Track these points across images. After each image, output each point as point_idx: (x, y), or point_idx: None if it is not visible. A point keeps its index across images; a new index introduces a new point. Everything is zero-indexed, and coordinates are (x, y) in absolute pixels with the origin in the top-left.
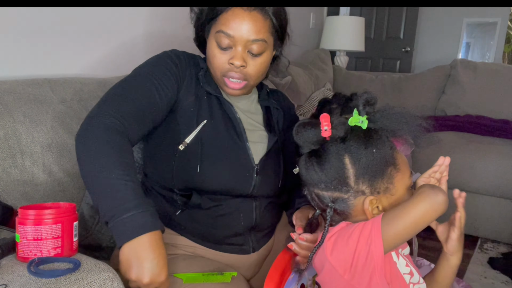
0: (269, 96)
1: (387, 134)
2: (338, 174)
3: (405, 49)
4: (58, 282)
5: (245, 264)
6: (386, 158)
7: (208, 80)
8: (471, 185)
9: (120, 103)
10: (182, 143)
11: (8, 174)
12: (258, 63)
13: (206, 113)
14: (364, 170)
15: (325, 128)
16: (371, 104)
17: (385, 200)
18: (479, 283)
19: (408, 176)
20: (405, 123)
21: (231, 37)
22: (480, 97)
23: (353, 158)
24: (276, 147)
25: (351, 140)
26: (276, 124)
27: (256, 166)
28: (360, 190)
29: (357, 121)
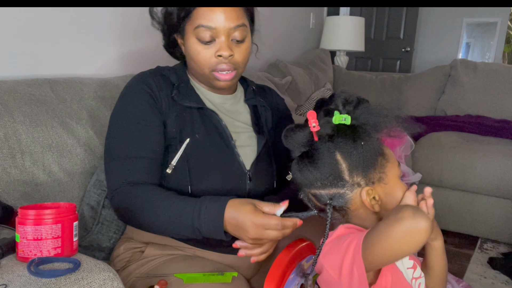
0: (256, 94)
1: (370, 128)
2: (332, 170)
3: (405, 49)
4: (58, 282)
5: (245, 264)
6: (375, 149)
7: (185, 94)
8: (471, 185)
9: (127, 170)
10: (169, 166)
11: (8, 174)
12: (243, 49)
13: (188, 130)
14: (356, 163)
15: (313, 124)
16: (349, 102)
17: (380, 189)
18: (479, 283)
19: (397, 166)
20: (384, 116)
21: (212, 29)
22: (480, 97)
23: (344, 153)
24: (266, 148)
25: (339, 137)
26: (264, 124)
27: (248, 172)
28: (355, 183)
29: (340, 119)
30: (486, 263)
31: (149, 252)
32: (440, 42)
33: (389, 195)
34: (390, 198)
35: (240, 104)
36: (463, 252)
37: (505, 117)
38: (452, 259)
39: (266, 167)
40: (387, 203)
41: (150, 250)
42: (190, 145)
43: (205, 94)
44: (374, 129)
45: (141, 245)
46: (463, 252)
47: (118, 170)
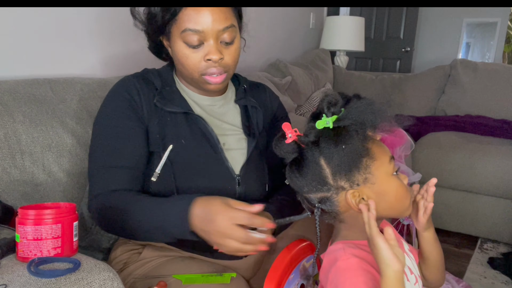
0: (247, 94)
1: (356, 128)
2: (316, 176)
3: (405, 49)
4: (58, 282)
5: (244, 265)
6: (357, 151)
7: (169, 99)
8: (471, 185)
9: (106, 179)
10: (154, 174)
11: (8, 174)
12: (233, 51)
13: (172, 135)
14: (338, 167)
15: (289, 135)
16: (333, 104)
17: (367, 190)
18: (479, 283)
19: (388, 162)
20: (371, 113)
21: (200, 32)
22: (480, 97)
23: (326, 158)
24: (257, 150)
25: (323, 142)
26: (255, 125)
27: (237, 176)
28: (339, 187)
29: (324, 123)
30: (486, 263)
31: (146, 253)
32: (440, 42)
33: (381, 194)
34: (382, 197)
35: (230, 104)
36: (463, 252)
37: (505, 117)
38: (452, 259)
39: (257, 170)
40: (379, 202)
41: (147, 251)
42: (175, 151)
43: (192, 97)
44: (362, 127)
45: (138, 247)
46: (463, 252)
47: (97, 178)
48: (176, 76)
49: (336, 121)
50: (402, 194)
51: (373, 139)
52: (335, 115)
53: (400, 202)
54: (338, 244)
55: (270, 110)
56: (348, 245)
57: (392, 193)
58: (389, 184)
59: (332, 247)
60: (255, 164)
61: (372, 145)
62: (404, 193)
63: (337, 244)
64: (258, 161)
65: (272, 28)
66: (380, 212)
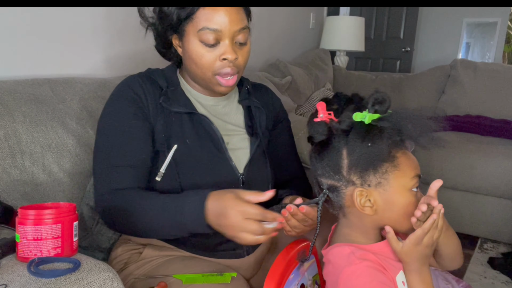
0: (250, 94)
1: (391, 134)
2: (333, 162)
3: (405, 49)
4: (58, 282)
5: (243, 266)
6: (380, 154)
7: (174, 99)
8: (471, 185)
9: (111, 179)
10: (158, 173)
11: (8, 174)
12: (245, 52)
13: (177, 135)
14: (356, 162)
15: (321, 115)
16: (379, 102)
17: (377, 194)
18: (479, 283)
19: (410, 178)
20: (412, 125)
21: (218, 31)
22: (480, 97)
23: (349, 150)
24: (260, 149)
25: (353, 134)
26: (258, 125)
27: (241, 175)
28: (350, 180)
29: (362, 117)
30: (486, 263)
31: (147, 253)
32: (440, 42)
33: (389, 204)
34: (390, 207)
35: (234, 105)
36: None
37: (505, 117)
38: None
39: (260, 169)
40: (385, 210)
41: (148, 251)
42: (179, 151)
43: (197, 97)
44: (398, 134)
45: (138, 246)
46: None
47: (102, 178)
48: (181, 76)
49: (376, 120)
50: (410, 212)
51: (404, 150)
52: (377, 114)
53: (406, 219)
54: (344, 248)
55: (273, 111)
56: (356, 248)
57: (400, 207)
58: (402, 197)
59: (338, 250)
60: (258, 164)
61: (401, 155)
62: (413, 211)
63: (342, 247)
64: (261, 160)
65: (272, 28)
66: (384, 220)
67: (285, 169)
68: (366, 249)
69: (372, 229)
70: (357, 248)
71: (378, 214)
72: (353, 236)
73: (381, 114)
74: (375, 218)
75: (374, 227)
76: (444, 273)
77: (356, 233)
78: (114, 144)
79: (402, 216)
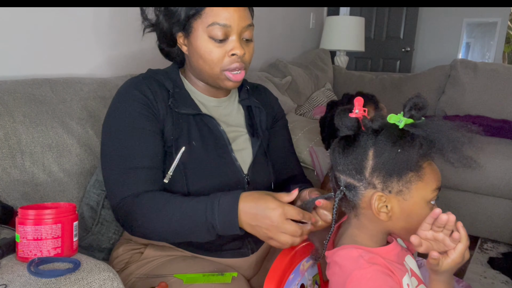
0: (250, 94)
1: (422, 142)
2: (357, 161)
3: (405, 49)
4: (58, 282)
5: (244, 265)
6: (408, 162)
7: (181, 101)
8: (471, 185)
9: (130, 182)
10: (166, 175)
11: (8, 174)
12: (251, 49)
13: (184, 137)
14: (382, 165)
15: (357, 111)
16: (418, 108)
17: (395, 202)
18: (479, 283)
19: (431, 191)
20: (447, 139)
21: (227, 27)
22: (480, 97)
23: (376, 151)
24: (261, 149)
25: (383, 135)
26: (259, 125)
27: (246, 175)
28: (372, 183)
29: (396, 120)
30: (486, 263)
31: (148, 253)
32: (440, 42)
33: (405, 213)
34: (405, 216)
35: (235, 105)
36: None
37: (505, 117)
38: None
39: (263, 169)
40: (400, 219)
41: (149, 251)
42: (186, 152)
43: (200, 98)
44: (429, 145)
45: (140, 246)
46: None
47: (119, 183)
48: (183, 77)
49: (409, 125)
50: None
51: (431, 162)
52: (412, 119)
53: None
54: (352, 250)
55: (272, 110)
56: (364, 252)
57: (416, 219)
58: (420, 209)
59: (346, 252)
60: (261, 163)
61: (427, 166)
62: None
63: (350, 249)
64: (263, 160)
65: (272, 28)
66: (395, 228)
67: (284, 167)
68: (374, 252)
69: (380, 233)
70: (366, 251)
71: (392, 221)
72: (360, 238)
73: (415, 120)
74: (387, 224)
75: (383, 232)
76: None
77: (364, 235)
78: (128, 146)
79: (415, 227)
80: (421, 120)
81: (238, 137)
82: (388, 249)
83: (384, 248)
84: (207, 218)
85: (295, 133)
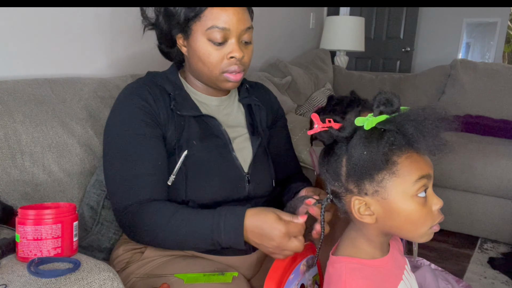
0: (250, 93)
1: (393, 137)
2: (334, 169)
3: (405, 49)
4: (58, 282)
5: (245, 264)
6: (375, 162)
7: (182, 103)
8: (471, 185)
9: (134, 190)
10: (169, 178)
11: (8, 174)
12: (250, 51)
13: (187, 139)
14: (352, 170)
15: (316, 126)
16: (383, 103)
17: (375, 203)
18: (479, 283)
19: (412, 183)
20: (415, 128)
21: (226, 30)
22: (480, 97)
23: (348, 157)
24: (262, 148)
25: (354, 140)
26: (259, 123)
27: (246, 174)
28: (348, 189)
29: (362, 121)
30: (486, 263)
31: (149, 253)
32: (440, 42)
33: (390, 212)
34: (391, 215)
35: (235, 104)
36: (463, 252)
37: (505, 117)
38: (452, 259)
39: (263, 167)
40: (386, 218)
41: (150, 251)
42: (188, 154)
43: (201, 99)
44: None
45: (140, 246)
46: (463, 252)
47: (123, 190)
48: (182, 78)
49: (381, 122)
50: (416, 219)
51: (410, 153)
52: (384, 115)
53: (412, 226)
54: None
55: (272, 108)
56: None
57: (402, 215)
58: (403, 205)
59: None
60: (261, 162)
61: (404, 160)
62: (419, 219)
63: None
64: (263, 158)
65: (272, 28)
66: (386, 228)
67: (284, 166)
68: (368, 265)
69: (376, 236)
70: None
71: (379, 222)
72: (359, 242)
73: (389, 115)
74: (377, 226)
75: (378, 234)
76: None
77: (362, 239)
78: (130, 153)
79: (406, 223)
80: (394, 115)
81: (238, 136)
82: (383, 261)
83: (380, 260)
84: (213, 235)
85: (295, 133)
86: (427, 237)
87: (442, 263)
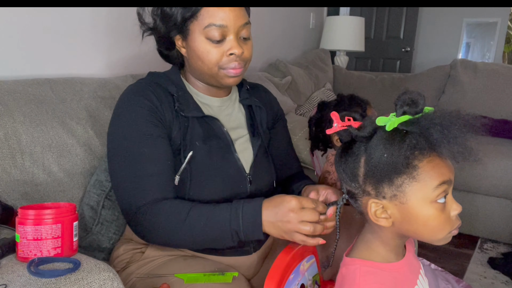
0: (250, 94)
1: (415, 140)
2: (351, 170)
3: (405, 49)
4: (58, 282)
5: (245, 264)
6: (395, 165)
7: (185, 104)
8: (471, 185)
9: (146, 189)
10: (175, 179)
11: (8, 174)
12: (249, 46)
13: (191, 140)
14: (371, 172)
15: (335, 124)
16: (408, 104)
17: (393, 207)
18: (479, 283)
19: (432, 189)
20: (439, 130)
21: (224, 27)
22: (480, 97)
23: (367, 158)
24: (262, 148)
25: (374, 140)
26: (259, 124)
27: (248, 175)
28: (365, 190)
29: (385, 121)
30: (486, 263)
31: (149, 252)
32: (440, 42)
33: (407, 217)
34: (408, 220)
35: (236, 104)
36: (463, 252)
37: (505, 117)
38: (452, 259)
39: (264, 168)
40: (403, 223)
41: (150, 250)
42: (192, 157)
43: (203, 100)
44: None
45: (141, 246)
46: (463, 252)
47: (134, 191)
48: (184, 79)
49: (403, 123)
50: (434, 225)
51: (432, 157)
52: (407, 115)
53: (430, 231)
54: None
55: (272, 109)
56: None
57: (421, 221)
58: (422, 210)
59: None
60: (262, 162)
61: (425, 164)
62: (437, 225)
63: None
64: (264, 158)
65: (272, 28)
66: (402, 231)
67: (285, 166)
68: (382, 269)
69: (392, 239)
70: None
71: (395, 226)
72: (374, 244)
73: (412, 116)
74: (393, 229)
75: (394, 237)
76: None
77: (377, 242)
78: (137, 154)
79: (424, 229)
80: (418, 115)
81: (240, 137)
82: (398, 265)
83: (394, 265)
84: (231, 225)
85: (295, 133)
86: (445, 241)
87: (442, 263)
